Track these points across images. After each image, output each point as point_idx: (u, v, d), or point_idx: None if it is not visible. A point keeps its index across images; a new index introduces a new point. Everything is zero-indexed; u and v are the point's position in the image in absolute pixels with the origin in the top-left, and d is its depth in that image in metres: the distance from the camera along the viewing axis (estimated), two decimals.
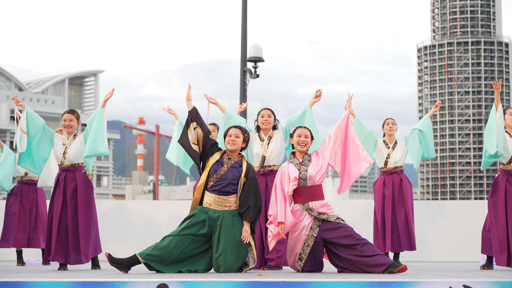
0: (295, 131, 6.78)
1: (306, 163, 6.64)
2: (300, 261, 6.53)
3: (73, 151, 7.63)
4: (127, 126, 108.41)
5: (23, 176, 9.48)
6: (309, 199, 6.57)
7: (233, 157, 6.71)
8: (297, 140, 6.70)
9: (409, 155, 8.94)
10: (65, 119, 7.73)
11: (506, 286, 4.84)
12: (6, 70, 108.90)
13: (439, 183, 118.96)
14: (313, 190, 6.60)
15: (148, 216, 11.44)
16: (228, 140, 6.72)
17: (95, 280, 4.98)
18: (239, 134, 6.73)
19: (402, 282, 4.89)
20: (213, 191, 6.59)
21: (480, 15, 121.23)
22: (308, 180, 6.58)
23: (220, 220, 6.53)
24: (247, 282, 4.93)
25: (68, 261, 7.46)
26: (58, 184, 7.59)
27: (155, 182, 25.57)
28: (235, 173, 6.60)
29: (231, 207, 6.59)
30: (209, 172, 6.61)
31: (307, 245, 6.50)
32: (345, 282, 4.94)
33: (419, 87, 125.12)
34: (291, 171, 6.60)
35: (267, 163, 7.69)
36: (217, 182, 6.59)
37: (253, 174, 6.65)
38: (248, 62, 17.77)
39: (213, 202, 6.58)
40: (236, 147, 6.69)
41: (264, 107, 7.90)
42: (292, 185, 6.55)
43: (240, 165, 6.67)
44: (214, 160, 6.64)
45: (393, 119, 9.11)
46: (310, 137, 6.76)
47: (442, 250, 10.95)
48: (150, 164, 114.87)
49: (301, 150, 6.69)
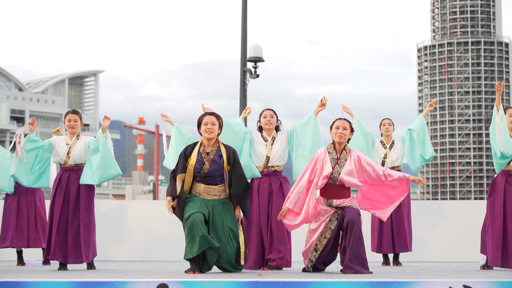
0: (334, 122, 6.69)
1: (342, 162, 6.56)
2: (316, 252, 6.52)
3: (77, 151, 7.64)
4: (127, 126, 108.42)
5: None
6: (335, 197, 6.54)
7: (210, 148, 6.61)
8: (335, 132, 6.61)
9: (405, 156, 8.93)
10: (70, 119, 7.71)
11: (506, 286, 4.84)
12: (6, 70, 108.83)
13: (439, 183, 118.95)
14: (341, 190, 6.55)
15: (148, 216, 11.44)
16: (205, 128, 6.58)
17: (95, 280, 4.98)
18: (214, 121, 6.61)
19: (402, 282, 4.89)
20: (201, 182, 6.57)
21: (480, 15, 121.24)
22: (338, 181, 6.54)
23: (212, 208, 6.52)
24: (247, 282, 4.93)
25: (67, 260, 7.46)
26: (60, 183, 7.57)
27: (155, 182, 25.56)
28: (218, 167, 6.55)
29: (221, 196, 6.59)
30: (194, 173, 6.54)
31: (324, 237, 6.50)
32: (345, 282, 4.94)
33: (419, 87, 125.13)
34: (326, 168, 6.52)
35: (271, 163, 7.69)
36: (203, 178, 6.57)
37: (234, 157, 6.61)
38: (248, 62, 17.77)
39: (203, 191, 6.56)
40: (214, 135, 6.58)
41: (266, 108, 7.87)
42: (322, 183, 6.50)
43: (219, 155, 6.60)
44: (194, 160, 6.53)
45: (390, 119, 9.08)
46: (349, 129, 6.64)
47: (442, 250, 10.95)
48: (150, 164, 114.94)
49: (339, 141, 6.59)
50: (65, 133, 7.84)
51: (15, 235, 9.37)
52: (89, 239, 7.54)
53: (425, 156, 8.82)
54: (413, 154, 8.88)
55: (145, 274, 6.23)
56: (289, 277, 5.64)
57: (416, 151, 8.88)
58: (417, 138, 8.85)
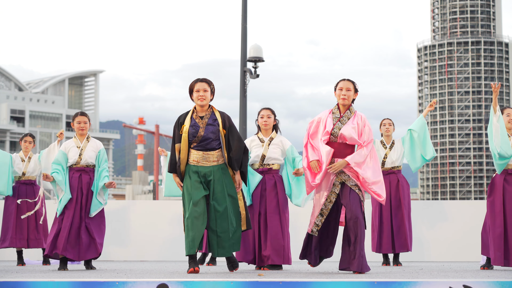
0: (338, 83, 6.65)
1: (345, 120, 6.55)
2: (321, 217, 6.50)
3: (89, 153, 7.77)
4: (127, 126, 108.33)
5: (20, 176, 9.48)
6: (337, 156, 6.48)
7: (204, 113, 6.61)
8: (339, 94, 6.59)
9: (405, 156, 8.93)
10: (80, 122, 7.82)
11: (506, 286, 4.84)
12: (6, 70, 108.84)
13: (439, 183, 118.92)
14: (344, 149, 6.50)
15: (148, 216, 11.44)
16: (197, 96, 6.56)
17: (95, 280, 4.98)
18: (206, 88, 6.58)
19: (402, 282, 4.89)
20: (198, 149, 6.55)
21: (480, 15, 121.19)
22: (338, 138, 6.50)
23: (212, 175, 6.51)
24: (247, 282, 4.93)
25: (78, 257, 7.59)
26: (72, 183, 7.69)
27: (155, 182, 25.55)
28: (213, 130, 6.54)
29: (219, 161, 6.57)
30: (189, 139, 6.51)
31: (330, 201, 6.50)
32: (345, 282, 4.94)
33: (419, 87, 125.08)
34: (328, 123, 6.52)
35: (266, 161, 7.68)
36: (199, 143, 6.54)
37: (229, 122, 6.62)
38: (248, 62, 17.78)
39: (201, 158, 6.54)
40: (206, 101, 6.58)
41: (264, 107, 7.84)
42: (324, 139, 6.49)
43: (214, 119, 6.60)
44: (187, 126, 6.53)
45: (390, 119, 9.08)
46: (352, 90, 6.60)
47: (442, 250, 10.95)
48: (150, 164, 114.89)
49: (343, 103, 6.58)
50: (73, 135, 7.92)
51: (14, 235, 9.38)
52: (101, 235, 7.74)
53: (426, 156, 8.82)
54: (413, 154, 8.88)
55: (145, 274, 6.23)
56: (289, 277, 5.64)
57: (417, 151, 8.87)
58: (417, 139, 8.84)
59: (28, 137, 9.58)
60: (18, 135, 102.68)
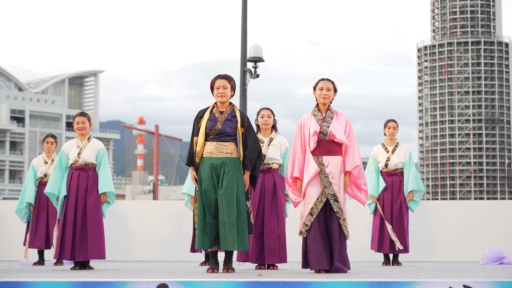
0: (317, 83, 6.68)
1: (329, 120, 6.58)
2: (311, 216, 6.50)
3: (88, 152, 7.82)
4: (127, 126, 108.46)
5: (42, 177, 9.51)
6: (325, 153, 6.53)
7: (224, 109, 6.64)
8: (319, 94, 6.62)
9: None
10: (78, 122, 7.88)
11: (506, 286, 4.84)
12: (6, 70, 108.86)
13: (439, 183, 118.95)
14: (332, 146, 6.54)
15: (148, 216, 11.44)
16: (217, 93, 6.62)
17: (95, 280, 4.98)
18: (226, 85, 6.63)
19: (402, 282, 4.89)
20: (213, 140, 6.56)
21: (480, 15, 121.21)
22: (328, 136, 6.53)
23: (224, 166, 6.49)
24: (247, 282, 4.92)
25: (74, 257, 7.61)
26: (71, 182, 7.73)
27: (155, 182, 25.55)
28: (231, 125, 6.57)
29: (232, 154, 6.56)
30: (206, 131, 6.54)
31: (320, 200, 6.51)
32: (345, 282, 4.94)
33: (419, 87, 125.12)
34: (312, 126, 6.55)
35: (266, 161, 7.70)
36: (215, 136, 6.56)
37: (248, 122, 6.65)
38: (248, 62, 17.78)
39: (214, 149, 6.54)
40: (226, 98, 6.62)
41: (263, 107, 7.87)
42: (314, 141, 6.50)
43: (233, 115, 6.63)
44: (206, 119, 6.57)
45: (395, 121, 9.05)
46: (332, 89, 6.64)
47: (442, 250, 10.95)
48: (150, 164, 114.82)
49: (324, 102, 6.61)
50: (75, 136, 8.00)
51: (32, 236, 9.45)
52: (100, 235, 7.71)
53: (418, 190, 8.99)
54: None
55: (145, 274, 6.23)
56: (289, 277, 5.64)
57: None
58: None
59: (50, 138, 9.61)
60: (18, 135, 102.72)
